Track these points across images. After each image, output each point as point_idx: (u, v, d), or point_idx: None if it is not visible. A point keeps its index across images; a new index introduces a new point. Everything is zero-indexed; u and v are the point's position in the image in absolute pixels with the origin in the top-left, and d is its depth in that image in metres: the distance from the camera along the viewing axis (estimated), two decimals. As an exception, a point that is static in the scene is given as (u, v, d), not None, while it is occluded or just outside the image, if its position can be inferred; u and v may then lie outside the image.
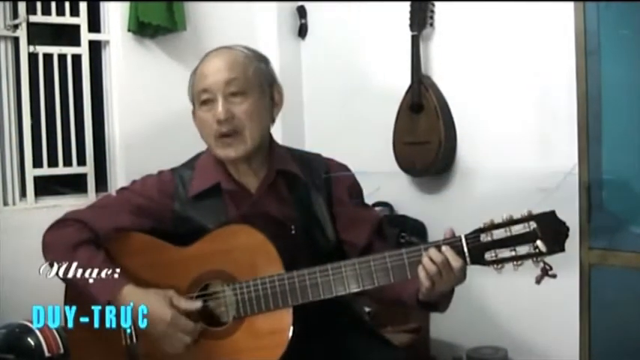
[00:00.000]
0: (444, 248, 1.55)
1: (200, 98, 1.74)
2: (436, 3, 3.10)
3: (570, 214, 2.60)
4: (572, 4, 2.63)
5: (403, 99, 3.13)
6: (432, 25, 3.11)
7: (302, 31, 3.71)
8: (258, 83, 1.76)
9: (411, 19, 3.08)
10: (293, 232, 1.75)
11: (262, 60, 1.81)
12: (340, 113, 3.51)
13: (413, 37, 3.07)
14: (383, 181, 3.11)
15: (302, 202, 1.80)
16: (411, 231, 3.16)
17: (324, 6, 3.59)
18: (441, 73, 3.12)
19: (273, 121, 1.82)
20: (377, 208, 3.25)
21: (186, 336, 1.64)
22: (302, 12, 3.70)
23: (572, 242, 2.55)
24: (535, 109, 2.83)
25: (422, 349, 2.97)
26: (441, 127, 3.03)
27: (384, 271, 1.60)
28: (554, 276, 1.55)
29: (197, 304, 1.66)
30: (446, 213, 3.14)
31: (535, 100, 2.83)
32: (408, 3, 3.10)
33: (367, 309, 2.18)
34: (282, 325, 1.62)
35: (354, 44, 3.46)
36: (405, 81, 3.10)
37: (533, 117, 2.84)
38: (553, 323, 2.74)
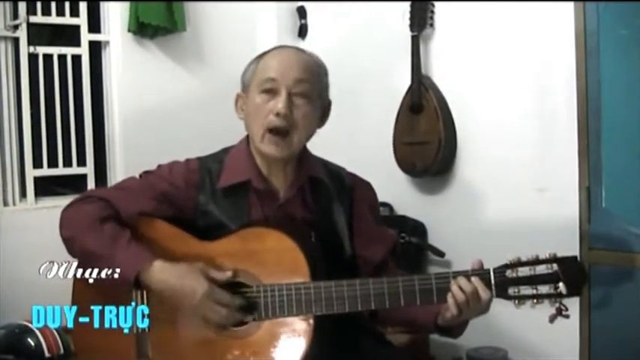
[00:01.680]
0: (473, 279, 1.59)
1: (263, 86, 1.73)
2: (436, 3, 3.10)
3: (570, 214, 2.63)
4: (571, 4, 2.63)
5: (403, 99, 3.13)
6: (432, 25, 3.11)
7: (302, 32, 3.71)
8: (320, 94, 1.79)
9: (411, 19, 3.08)
10: (312, 239, 1.74)
11: (327, 74, 1.84)
12: (340, 113, 3.49)
13: (413, 37, 3.07)
14: (383, 181, 3.10)
15: (324, 211, 1.80)
16: (411, 231, 3.16)
17: (324, 6, 3.59)
18: (441, 73, 3.12)
19: (314, 133, 1.82)
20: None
21: (222, 308, 1.60)
22: (302, 12, 3.70)
23: (572, 242, 2.59)
24: (535, 109, 2.83)
25: (422, 348, 2.97)
26: (440, 128, 3.03)
27: (412, 293, 1.60)
28: (567, 317, 1.61)
29: (228, 274, 1.63)
30: (445, 213, 3.14)
31: (535, 100, 2.83)
32: (408, 3, 3.10)
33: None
34: (302, 332, 1.61)
35: (354, 45, 3.46)
36: (404, 81, 3.10)
37: (533, 117, 2.83)
38: (553, 323, 2.73)
